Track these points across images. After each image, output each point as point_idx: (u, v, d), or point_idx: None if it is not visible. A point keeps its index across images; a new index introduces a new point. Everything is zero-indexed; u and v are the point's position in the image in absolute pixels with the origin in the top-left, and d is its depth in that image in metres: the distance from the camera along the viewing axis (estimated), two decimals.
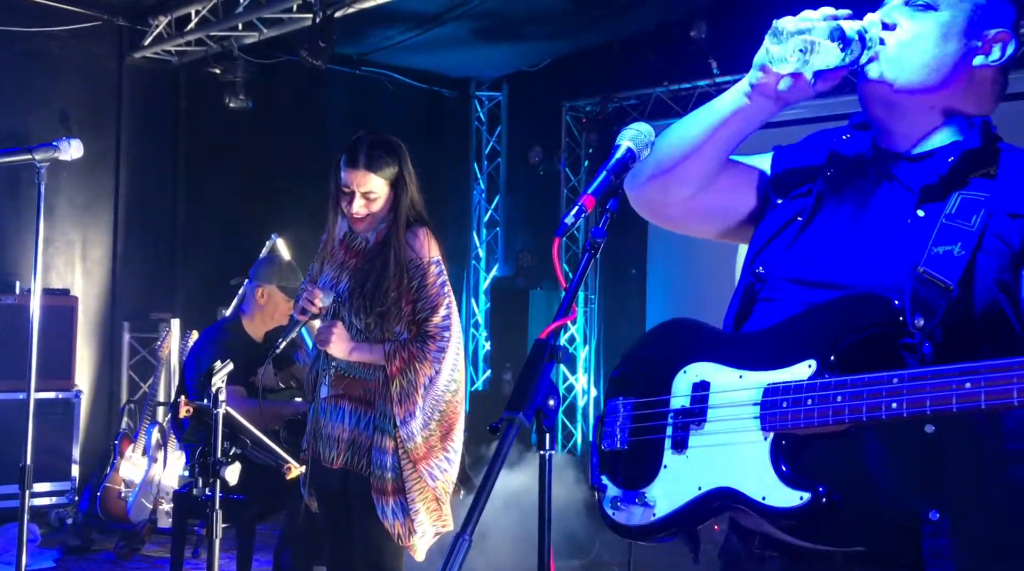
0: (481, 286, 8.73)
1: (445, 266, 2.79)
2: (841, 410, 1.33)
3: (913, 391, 1.27)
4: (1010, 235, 1.41)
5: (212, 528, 2.28)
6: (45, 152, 2.77)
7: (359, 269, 2.77)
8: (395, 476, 2.64)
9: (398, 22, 6.80)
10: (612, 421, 1.62)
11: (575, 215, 1.46)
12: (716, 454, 1.47)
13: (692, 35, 6.67)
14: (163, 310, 6.64)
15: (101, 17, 6.55)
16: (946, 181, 1.46)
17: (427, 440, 2.67)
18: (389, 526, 2.64)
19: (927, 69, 1.50)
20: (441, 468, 2.70)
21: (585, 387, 8.04)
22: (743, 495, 1.41)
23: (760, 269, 1.58)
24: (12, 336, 5.60)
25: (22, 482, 2.74)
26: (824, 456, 1.38)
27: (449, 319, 2.72)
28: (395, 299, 2.68)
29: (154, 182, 6.91)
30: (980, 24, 1.52)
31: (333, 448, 2.74)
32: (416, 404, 2.65)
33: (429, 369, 2.65)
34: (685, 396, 1.54)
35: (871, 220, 1.50)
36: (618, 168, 1.51)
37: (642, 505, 1.53)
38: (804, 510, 1.34)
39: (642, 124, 1.56)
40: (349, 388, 2.75)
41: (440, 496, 2.68)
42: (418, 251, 2.73)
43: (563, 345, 1.39)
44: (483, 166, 8.78)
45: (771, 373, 1.44)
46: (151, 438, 5.42)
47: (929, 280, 1.38)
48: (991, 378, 1.22)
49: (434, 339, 2.68)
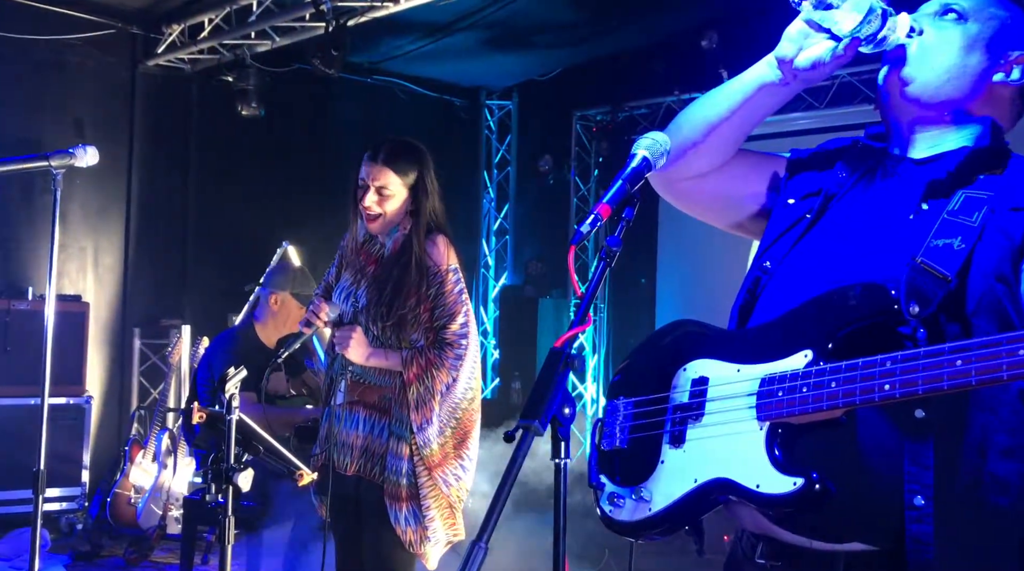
0: (490, 294, 8.73)
1: (463, 274, 2.80)
2: (835, 395, 1.34)
3: (906, 372, 1.28)
4: (1012, 228, 1.42)
5: (225, 534, 2.28)
6: (61, 159, 2.79)
7: (378, 276, 2.78)
8: (410, 483, 2.64)
9: (409, 31, 6.83)
10: (612, 421, 1.63)
11: (591, 224, 1.46)
12: (713, 446, 1.47)
13: (703, 44, 6.68)
14: (174, 316, 6.67)
15: (115, 25, 6.59)
16: (953, 178, 1.47)
17: (443, 447, 2.67)
18: (401, 532, 2.64)
19: (947, 75, 1.52)
20: (455, 475, 2.69)
21: (594, 396, 8.03)
22: (737, 484, 1.41)
23: (767, 264, 1.60)
24: (24, 342, 5.63)
25: (35, 487, 2.74)
26: (817, 444, 1.39)
27: (467, 327, 2.72)
28: (413, 306, 2.68)
29: (166, 189, 6.95)
30: (1005, 42, 1.54)
31: (347, 454, 2.74)
32: (433, 410, 2.65)
33: (447, 376, 2.65)
34: (684, 392, 1.54)
35: (875, 218, 1.52)
36: (633, 177, 1.51)
37: (638, 500, 1.52)
38: (797, 496, 1.34)
39: (658, 133, 1.57)
40: (364, 395, 2.75)
41: (454, 503, 2.68)
42: (436, 259, 2.74)
43: (578, 354, 1.40)
44: (493, 175, 8.80)
45: (768, 365, 1.45)
46: (161, 444, 5.44)
47: (926, 270, 1.38)
48: (981, 354, 1.22)
49: (452, 346, 2.68)
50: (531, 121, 8.58)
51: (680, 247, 7.55)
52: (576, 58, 7.65)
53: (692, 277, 7.44)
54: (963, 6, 1.53)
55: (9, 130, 6.17)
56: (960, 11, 1.53)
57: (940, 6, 1.54)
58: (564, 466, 1.39)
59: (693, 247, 7.43)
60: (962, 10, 1.53)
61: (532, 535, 4.73)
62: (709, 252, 7.29)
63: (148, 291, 6.84)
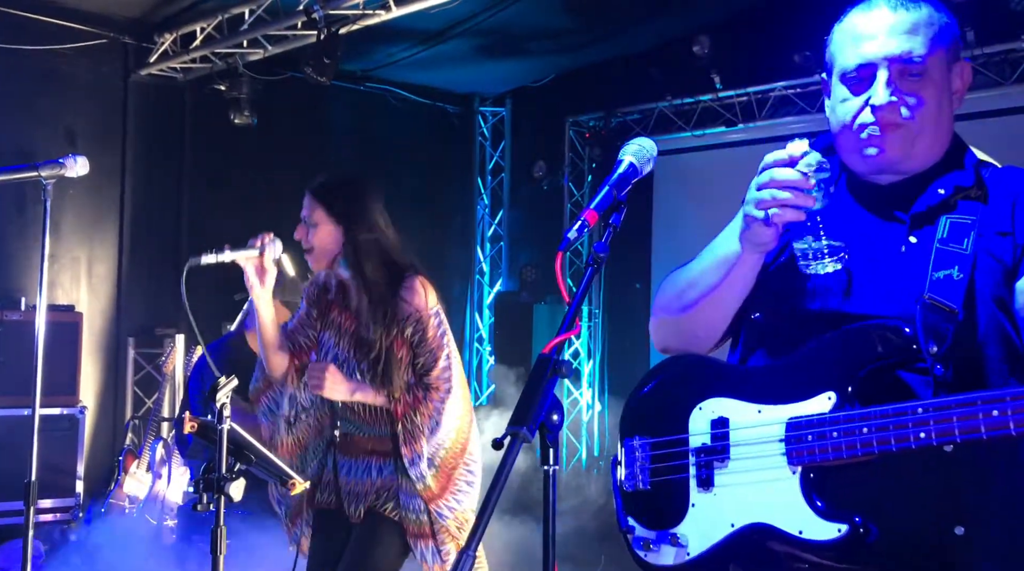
0: (485, 301, 8.73)
1: (444, 314, 2.75)
2: (869, 442, 1.36)
3: (940, 420, 1.30)
4: (1001, 252, 1.43)
5: (217, 544, 2.28)
6: (51, 169, 2.77)
7: (359, 340, 2.74)
8: (429, 519, 2.65)
9: (402, 39, 6.84)
10: (631, 462, 1.63)
11: (578, 230, 1.47)
12: (745, 490, 1.47)
13: (695, 50, 6.69)
14: (167, 326, 6.65)
15: (107, 35, 6.59)
16: (935, 209, 1.48)
17: (436, 478, 2.67)
18: (428, 569, 2.67)
19: (937, 145, 1.52)
20: (449, 507, 2.69)
21: (590, 401, 8.02)
22: (778, 530, 1.42)
23: (756, 314, 1.58)
24: (17, 352, 5.61)
25: (27, 498, 2.73)
26: (853, 485, 1.40)
27: (449, 370, 2.69)
28: (399, 358, 2.65)
29: (159, 198, 6.94)
30: (952, 65, 1.52)
31: (360, 503, 2.72)
32: (422, 446, 2.64)
33: (429, 420, 2.64)
34: (704, 433, 1.54)
35: (865, 251, 1.50)
36: (620, 182, 1.52)
37: (675, 545, 1.53)
38: (843, 542, 1.36)
39: (645, 139, 1.57)
40: (376, 445, 2.73)
41: (454, 533, 2.67)
42: (416, 304, 2.68)
43: (568, 360, 1.40)
44: (487, 181, 8.80)
45: (791, 407, 1.45)
46: (155, 454, 5.42)
47: (935, 306, 1.39)
48: (1018, 405, 1.25)
49: (437, 390, 2.67)
50: (525, 127, 8.58)
51: (674, 252, 7.55)
52: (569, 64, 7.66)
53: None
54: (919, 53, 1.47)
55: (1, 140, 6.16)
56: (918, 60, 1.46)
57: (895, 59, 1.46)
58: (553, 473, 1.38)
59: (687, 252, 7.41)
60: (919, 58, 1.46)
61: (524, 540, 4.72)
62: None
63: (142, 301, 6.83)
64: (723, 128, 7.08)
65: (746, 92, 6.88)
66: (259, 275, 2.74)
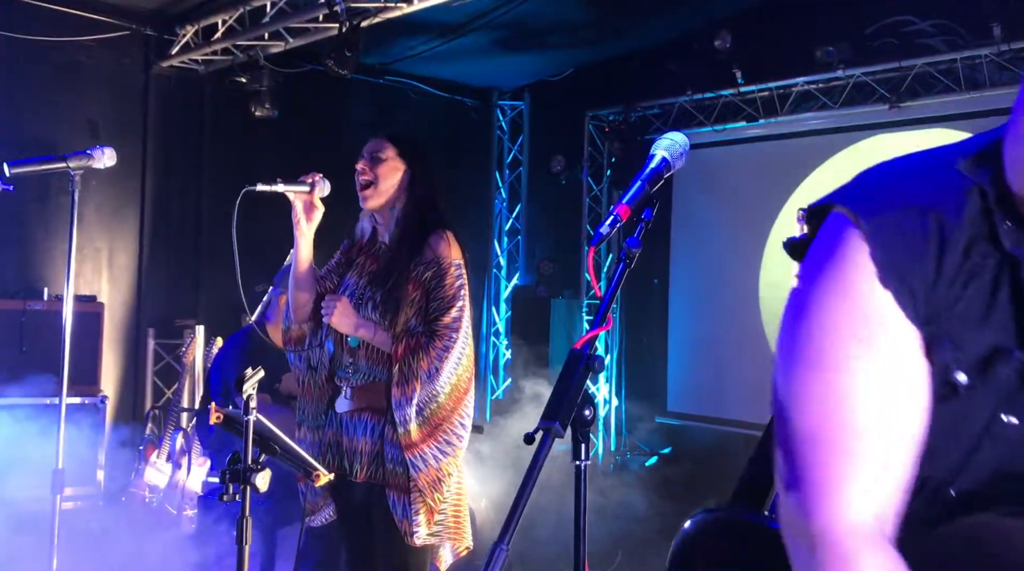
0: (502, 295, 8.73)
1: (467, 272, 2.80)
2: None
3: None
4: None
5: (243, 535, 2.29)
6: (79, 160, 2.81)
7: (378, 272, 2.80)
8: (405, 470, 2.65)
9: (422, 32, 6.84)
10: None
11: (610, 225, 1.47)
12: None
13: (716, 44, 6.66)
14: (188, 316, 6.69)
15: (129, 27, 6.62)
16: None
17: (420, 428, 2.66)
18: (398, 522, 2.65)
19: None
20: (425, 461, 2.67)
21: (607, 396, 8.02)
22: None
23: None
24: (40, 342, 5.66)
25: (54, 486, 2.76)
26: None
27: (459, 322, 2.71)
28: (410, 291, 2.71)
29: (179, 190, 6.98)
30: None
31: (356, 461, 2.73)
32: (414, 391, 2.64)
33: (428, 364, 2.64)
34: None
35: None
36: (653, 177, 1.51)
37: None
38: None
39: (677, 134, 1.57)
40: (372, 400, 2.74)
41: (426, 491, 2.65)
42: (440, 251, 2.75)
43: (600, 355, 1.39)
44: (505, 175, 8.80)
45: None
46: (175, 444, 5.46)
47: None
48: None
49: (440, 338, 2.67)
50: (543, 121, 8.58)
51: (693, 248, 7.54)
52: (588, 58, 7.65)
53: (705, 278, 7.42)
54: None
55: (23, 131, 6.20)
56: None
57: None
58: (584, 468, 1.39)
59: (706, 248, 7.41)
60: None
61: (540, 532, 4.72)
62: (722, 253, 7.28)
63: (162, 291, 6.87)
64: (744, 123, 7.05)
65: (767, 87, 6.84)
66: (307, 211, 2.87)
